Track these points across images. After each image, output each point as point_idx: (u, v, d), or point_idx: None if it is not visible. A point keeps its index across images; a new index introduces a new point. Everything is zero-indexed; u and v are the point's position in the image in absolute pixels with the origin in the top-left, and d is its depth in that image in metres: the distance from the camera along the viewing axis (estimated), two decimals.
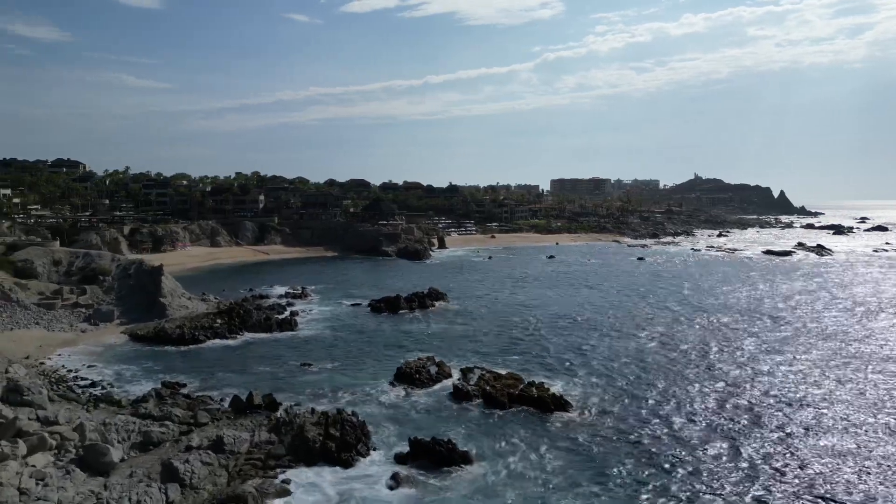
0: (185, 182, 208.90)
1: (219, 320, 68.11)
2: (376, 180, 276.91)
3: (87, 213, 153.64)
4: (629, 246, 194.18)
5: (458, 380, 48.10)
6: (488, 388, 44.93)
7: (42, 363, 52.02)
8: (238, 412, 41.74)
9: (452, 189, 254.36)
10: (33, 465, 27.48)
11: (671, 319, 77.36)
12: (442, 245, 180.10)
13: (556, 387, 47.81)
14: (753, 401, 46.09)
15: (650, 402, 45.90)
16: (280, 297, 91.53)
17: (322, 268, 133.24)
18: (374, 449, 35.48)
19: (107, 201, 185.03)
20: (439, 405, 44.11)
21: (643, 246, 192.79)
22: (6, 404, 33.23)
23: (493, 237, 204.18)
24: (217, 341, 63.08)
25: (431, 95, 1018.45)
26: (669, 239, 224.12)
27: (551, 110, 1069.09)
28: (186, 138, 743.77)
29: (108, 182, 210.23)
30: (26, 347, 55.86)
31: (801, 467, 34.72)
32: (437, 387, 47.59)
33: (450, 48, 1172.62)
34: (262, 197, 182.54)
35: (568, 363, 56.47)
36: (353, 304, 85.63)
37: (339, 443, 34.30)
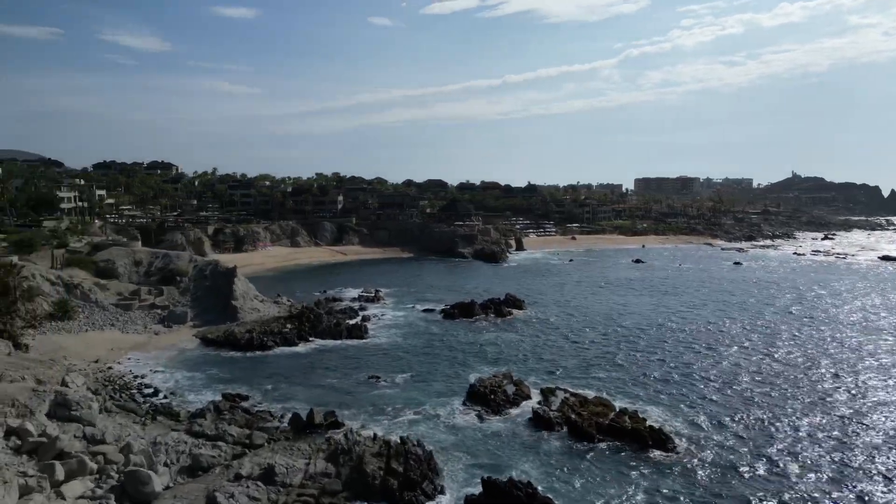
0: (267, 183, 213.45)
1: (288, 325, 66.00)
2: (453, 180, 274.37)
3: (175, 213, 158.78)
4: (723, 249, 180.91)
5: (539, 403, 42.90)
6: (573, 415, 39.48)
7: (110, 367, 51.14)
8: (297, 431, 38.53)
9: (531, 188, 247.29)
10: (63, 500, 24.87)
11: (777, 335, 68.57)
12: (520, 246, 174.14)
13: (653, 416, 41.69)
14: (880, 440, 38.26)
15: (767, 440, 39.00)
16: (353, 299, 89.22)
17: (397, 269, 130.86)
18: (441, 492, 30.94)
19: (195, 202, 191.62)
20: (517, 434, 39.10)
21: (739, 249, 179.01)
22: (53, 420, 31.26)
23: (573, 238, 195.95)
24: (285, 348, 60.77)
25: (510, 95, 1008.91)
26: (767, 242, 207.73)
27: (634, 107, 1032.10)
28: (274, 141, 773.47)
29: (196, 183, 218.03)
30: (98, 350, 55.42)
31: None
32: (514, 411, 42.56)
33: (529, 46, 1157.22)
34: (340, 197, 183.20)
35: (663, 386, 49.95)
36: (425, 310, 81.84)
37: (402, 479, 30.09)
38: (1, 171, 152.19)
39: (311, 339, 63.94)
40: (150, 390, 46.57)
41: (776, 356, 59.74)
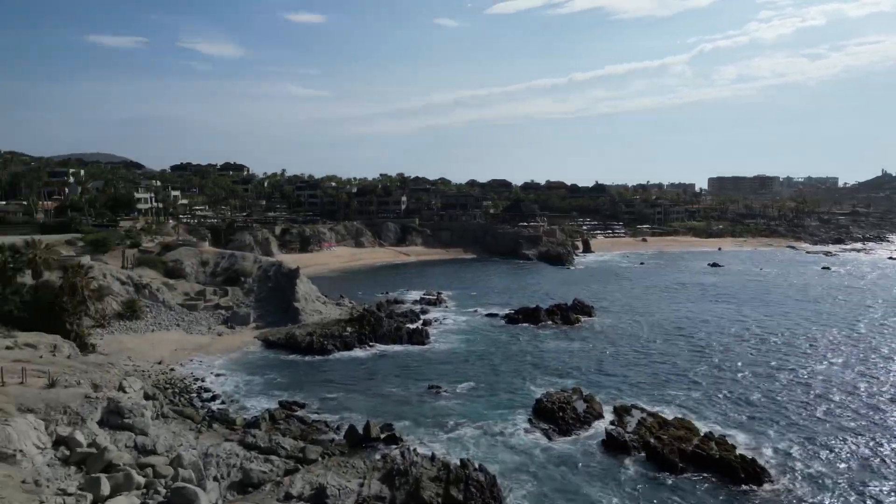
0: (333, 184, 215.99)
1: (349, 328, 64.70)
2: (518, 180, 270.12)
3: (244, 214, 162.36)
4: (808, 253, 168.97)
5: (613, 423, 39.38)
6: (652, 439, 35.77)
7: (172, 370, 51.03)
8: (352, 445, 36.63)
9: (599, 188, 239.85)
10: None
11: (874, 350, 61.81)
12: (587, 248, 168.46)
13: (740, 442, 37.37)
14: None
15: (871, 476, 34.09)
16: (415, 302, 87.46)
17: (460, 271, 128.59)
18: None
19: (263, 202, 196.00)
20: (588, 458, 35.76)
21: (826, 253, 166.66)
22: (105, 427, 30.45)
23: (644, 240, 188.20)
24: (345, 353, 59.40)
25: (576, 93, 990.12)
26: (857, 245, 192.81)
27: (707, 104, 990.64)
28: (341, 142, 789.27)
29: (265, 184, 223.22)
30: (162, 351, 55.64)
31: None
32: (585, 431, 39.21)
33: (596, 44, 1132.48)
34: (404, 198, 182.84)
35: (748, 408, 45.21)
36: (489, 314, 79.00)
37: None
38: (83, 174, 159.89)
39: (371, 343, 62.40)
40: (209, 395, 45.96)
41: (874, 375, 53.58)
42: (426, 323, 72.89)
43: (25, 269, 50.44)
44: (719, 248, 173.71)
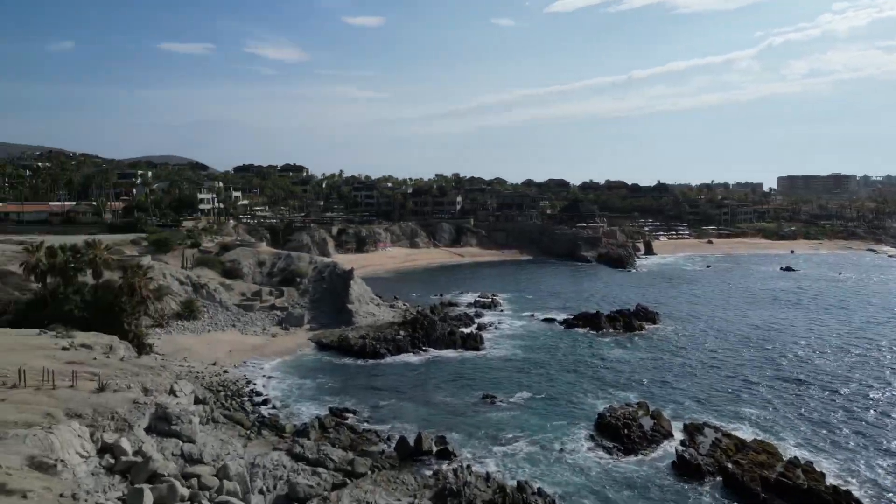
0: (389, 184, 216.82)
1: (402, 332, 63.34)
2: (576, 180, 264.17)
3: (302, 215, 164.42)
4: (890, 256, 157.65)
5: (684, 444, 36.26)
6: (730, 464, 32.57)
7: (226, 371, 50.80)
8: (403, 458, 34.99)
9: (661, 188, 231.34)
10: None
11: None
12: (649, 250, 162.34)
13: (831, 471, 33.66)
14: None
15: None
16: (469, 305, 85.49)
17: (515, 273, 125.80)
18: None
19: (321, 203, 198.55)
20: (657, 482, 32.88)
21: None
22: (152, 434, 29.80)
23: (709, 242, 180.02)
24: (397, 357, 58.03)
25: (636, 91, 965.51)
26: None
27: (776, 99, 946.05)
28: (398, 143, 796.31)
29: (324, 185, 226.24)
30: (217, 352, 55.66)
31: None
32: (653, 452, 36.25)
33: (658, 40, 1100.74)
34: (459, 198, 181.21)
35: (832, 431, 41.07)
36: (546, 319, 76.18)
37: None
38: (150, 175, 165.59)
39: (424, 348, 60.81)
40: (260, 398, 45.34)
41: None
42: (481, 327, 70.83)
43: (86, 269, 51.29)
44: (792, 251, 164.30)
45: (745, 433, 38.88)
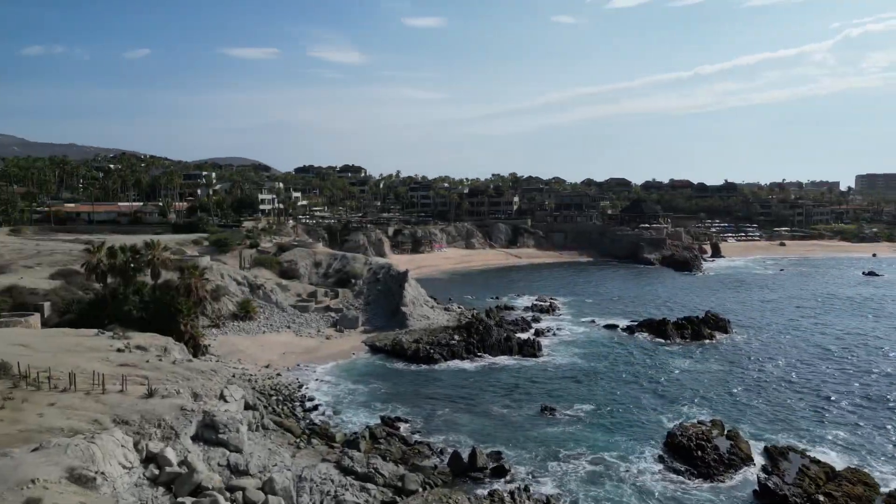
0: (446, 184, 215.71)
1: (456, 336, 61.53)
2: (638, 179, 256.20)
3: (359, 215, 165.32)
4: None
5: (766, 471, 32.88)
6: (821, 496, 29.18)
7: (278, 374, 50.28)
8: (457, 475, 33.17)
9: (729, 187, 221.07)
10: None
11: None
12: (716, 253, 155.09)
13: None
14: None
15: None
16: (526, 309, 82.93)
17: (574, 275, 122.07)
18: None
19: (378, 203, 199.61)
20: None
21: None
22: (199, 443, 29.02)
23: (782, 245, 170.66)
24: (452, 363, 56.26)
25: (702, 87, 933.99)
26: None
27: (854, 94, 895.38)
28: (456, 144, 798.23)
29: (381, 185, 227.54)
30: (270, 354, 55.35)
31: None
32: (731, 478, 32.98)
33: (726, 34, 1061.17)
34: (516, 198, 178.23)
35: None
36: (608, 326, 72.80)
37: None
38: (214, 176, 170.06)
39: (479, 353, 58.80)
40: (312, 404, 44.42)
41: None
42: (538, 333, 68.27)
43: (145, 270, 51.85)
44: (874, 255, 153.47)
45: (834, 460, 35.07)
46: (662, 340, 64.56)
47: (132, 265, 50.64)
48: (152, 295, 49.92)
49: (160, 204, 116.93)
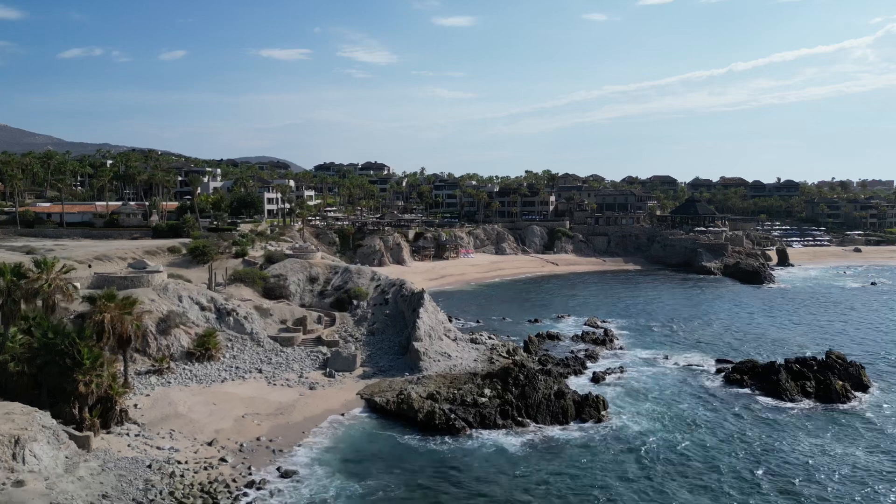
0: (473, 182, 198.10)
1: (487, 390, 44.25)
2: (680, 177, 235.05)
3: (377, 216, 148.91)
4: None
5: None
6: None
7: (223, 461, 33.66)
8: None
9: (790, 185, 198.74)
10: None
11: None
12: (783, 261, 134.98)
13: None
14: None
15: None
16: (575, 338, 65.32)
17: (624, 288, 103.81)
18: None
19: (400, 203, 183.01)
20: None
21: None
22: None
23: (857, 251, 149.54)
24: (484, 435, 39.07)
25: (736, 84, 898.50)
26: None
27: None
28: (484, 143, 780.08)
29: (403, 183, 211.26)
30: (222, 419, 38.80)
31: None
32: None
33: (761, 30, 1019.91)
34: (552, 198, 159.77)
35: None
36: (688, 367, 54.89)
37: None
38: (219, 172, 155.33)
39: (521, 418, 41.48)
40: None
41: None
42: (596, 378, 50.80)
43: (33, 300, 35.61)
44: None
45: None
46: (774, 398, 45.97)
47: (10, 298, 34.33)
48: (42, 339, 33.73)
49: (146, 204, 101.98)
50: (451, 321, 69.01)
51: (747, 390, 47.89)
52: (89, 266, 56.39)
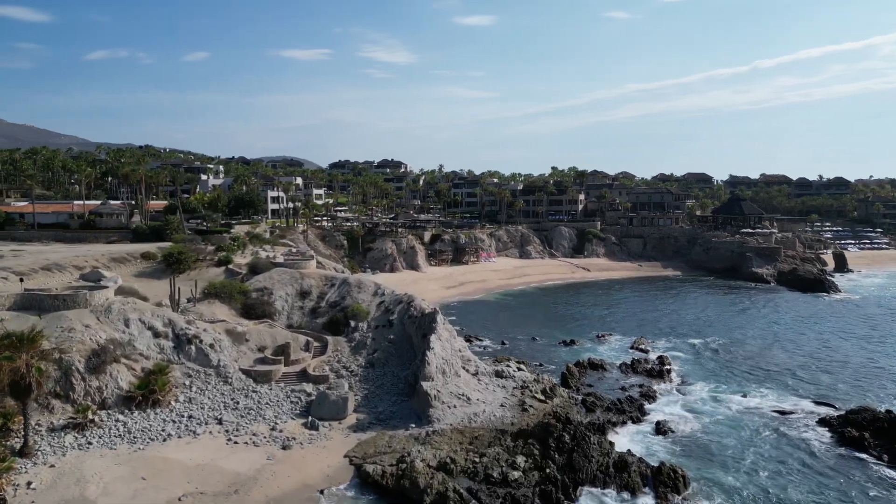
0: (495, 180, 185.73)
1: (520, 459, 32.32)
2: (713, 174, 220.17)
3: (390, 217, 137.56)
4: None
5: None
6: None
7: None
8: None
9: (839, 183, 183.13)
10: None
11: None
12: (841, 266, 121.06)
13: None
14: None
15: None
16: (623, 368, 53.12)
17: (667, 298, 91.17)
18: None
19: (417, 202, 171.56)
20: None
21: None
22: None
23: None
24: None
25: (760, 82, 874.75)
26: None
27: None
28: (504, 142, 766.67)
29: (420, 182, 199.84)
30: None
31: None
32: None
33: (786, 27, 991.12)
34: (581, 196, 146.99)
35: None
36: (777, 413, 42.44)
37: None
38: (221, 169, 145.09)
39: (569, 499, 29.53)
40: None
41: None
42: (662, 431, 38.66)
43: None
44: None
45: None
46: None
47: None
48: None
49: (131, 203, 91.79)
50: (470, 343, 57.70)
51: (873, 456, 35.36)
52: (21, 280, 45.58)
